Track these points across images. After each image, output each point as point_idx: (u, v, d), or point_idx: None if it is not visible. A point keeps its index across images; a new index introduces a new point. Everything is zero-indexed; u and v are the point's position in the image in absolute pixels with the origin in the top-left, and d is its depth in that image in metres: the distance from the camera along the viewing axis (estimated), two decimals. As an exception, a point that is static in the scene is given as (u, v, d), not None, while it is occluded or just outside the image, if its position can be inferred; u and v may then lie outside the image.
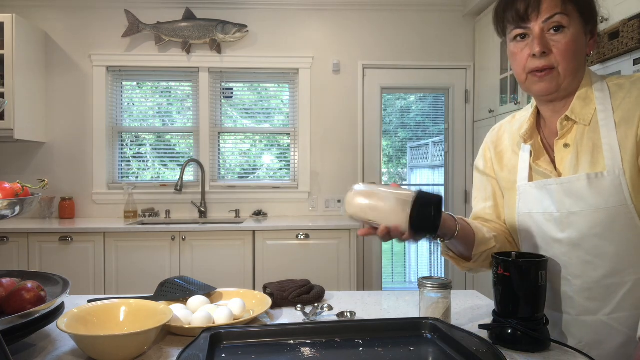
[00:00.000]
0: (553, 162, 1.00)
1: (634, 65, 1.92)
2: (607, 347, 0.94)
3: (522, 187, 1.03)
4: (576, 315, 0.97)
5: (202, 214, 3.58)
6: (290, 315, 1.14)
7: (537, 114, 1.06)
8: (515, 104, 3.01)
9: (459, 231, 1.01)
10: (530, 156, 1.02)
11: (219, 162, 3.75)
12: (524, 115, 1.10)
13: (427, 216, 0.88)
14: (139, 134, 3.76)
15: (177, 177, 3.47)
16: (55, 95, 3.57)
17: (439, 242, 1.06)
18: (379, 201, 0.91)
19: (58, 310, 0.96)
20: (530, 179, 1.02)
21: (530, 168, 1.03)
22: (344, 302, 1.25)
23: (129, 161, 3.77)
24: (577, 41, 0.93)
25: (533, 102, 1.07)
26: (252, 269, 3.07)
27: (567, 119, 0.97)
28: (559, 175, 0.98)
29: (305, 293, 1.23)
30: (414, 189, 0.91)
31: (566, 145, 0.97)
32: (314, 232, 3.10)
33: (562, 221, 0.95)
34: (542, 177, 1.00)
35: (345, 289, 3.08)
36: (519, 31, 0.96)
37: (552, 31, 0.92)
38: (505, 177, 1.10)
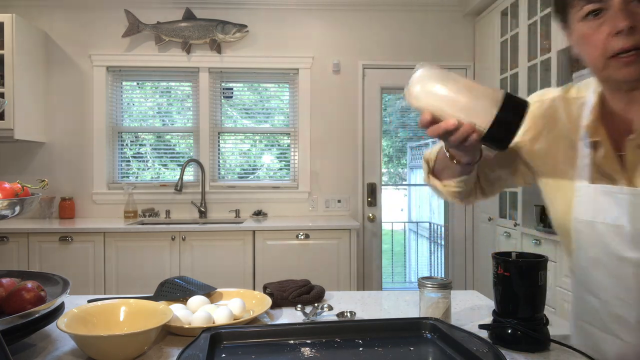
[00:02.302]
0: (622, 163, 0.82)
1: None
2: None
3: (583, 189, 0.86)
4: (636, 343, 0.83)
5: (202, 214, 3.58)
6: (290, 315, 1.14)
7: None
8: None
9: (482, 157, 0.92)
10: (594, 153, 0.84)
11: (219, 162, 3.75)
12: (583, 97, 0.90)
13: (511, 123, 0.76)
14: (139, 134, 3.76)
15: (177, 177, 3.47)
16: (55, 95, 3.57)
17: (455, 163, 0.92)
18: (458, 92, 0.77)
19: (58, 310, 0.96)
20: (593, 180, 0.85)
21: (593, 167, 0.85)
22: (344, 302, 1.25)
23: (129, 161, 3.77)
24: None
25: (592, 83, 0.89)
26: (252, 269, 3.07)
27: None
28: (629, 180, 0.80)
29: (305, 293, 1.23)
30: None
31: None
32: (314, 232, 3.10)
33: (635, 238, 0.79)
34: (607, 180, 0.83)
35: (345, 289, 3.08)
36: (592, 7, 0.76)
37: (634, 2, 0.73)
38: (560, 169, 0.91)
